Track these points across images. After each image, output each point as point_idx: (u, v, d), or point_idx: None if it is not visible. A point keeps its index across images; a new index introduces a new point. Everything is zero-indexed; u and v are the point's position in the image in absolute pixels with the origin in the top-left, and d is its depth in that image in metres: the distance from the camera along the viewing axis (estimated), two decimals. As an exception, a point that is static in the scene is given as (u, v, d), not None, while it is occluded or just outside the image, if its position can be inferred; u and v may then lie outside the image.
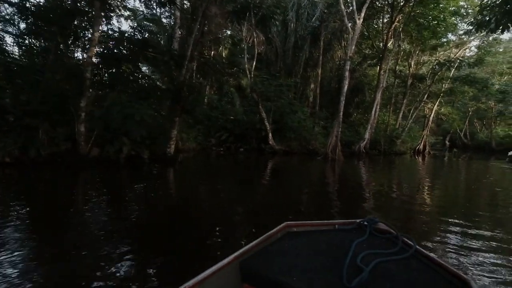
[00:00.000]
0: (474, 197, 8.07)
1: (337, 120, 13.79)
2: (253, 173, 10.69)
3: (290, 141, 16.09)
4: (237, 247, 1.64)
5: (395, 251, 1.61)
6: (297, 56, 19.19)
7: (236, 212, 5.29)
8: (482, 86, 19.78)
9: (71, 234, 3.78)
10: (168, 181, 8.04)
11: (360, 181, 10.16)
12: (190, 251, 3.40)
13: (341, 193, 7.97)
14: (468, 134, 37.46)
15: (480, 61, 19.47)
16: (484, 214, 5.72)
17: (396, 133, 22.00)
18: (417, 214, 5.53)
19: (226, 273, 1.45)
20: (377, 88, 17.70)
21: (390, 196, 7.55)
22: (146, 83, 9.58)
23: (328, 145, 13.83)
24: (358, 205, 6.19)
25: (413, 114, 23.10)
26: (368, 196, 7.39)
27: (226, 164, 12.76)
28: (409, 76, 21.91)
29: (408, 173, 13.48)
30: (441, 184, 10.32)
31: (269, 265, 1.46)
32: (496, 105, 30.47)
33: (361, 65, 24.05)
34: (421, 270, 1.47)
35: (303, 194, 7.39)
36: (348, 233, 1.89)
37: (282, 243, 1.75)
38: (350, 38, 13.45)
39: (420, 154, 23.34)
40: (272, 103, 15.77)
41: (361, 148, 17.37)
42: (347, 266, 1.39)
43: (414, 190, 8.83)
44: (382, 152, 20.57)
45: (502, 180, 11.75)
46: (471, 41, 20.89)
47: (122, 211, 4.96)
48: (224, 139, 16.69)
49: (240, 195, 6.99)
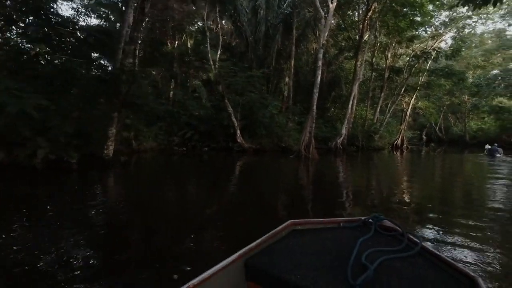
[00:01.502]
0: (455, 192, 7.52)
1: (310, 115, 12.54)
2: (214, 175, 9.18)
3: (261, 139, 14.69)
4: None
5: (401, 249, 1.58)
6: (268, 46, 17.76)
7: (186, 228, 4.06)
8: (459, 78, 19.34)
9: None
10: (97, 191, 6.37)
11: (336, 180, 9.03)
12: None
13: (314, 193, 6.88)
14: (443, 128, 38.16)
15: (457, 51, 18.97)
16: (464, 210, 5.60)
17: (374, 128, 21.23)
18: (396, 212, 5.14)
19: (230, 271, 1.44)
20: (354, 81, 16.66)
21: (368, 195, 6.89)
22: (62, 68, 7.55)
23: (301, 142, 12.56)
24: (332, 206, 5.61)
25: (391, 108, 22.44)
26: (343, 196, 6.76)
27: (185, 165, 11.16)
28: (386, 68, 21.17)
29: (386, 169, 12.51)
30: (422, 181, 9.41)
31: (274, 263, 1.45)
32: (470, 99, 30.87)
33: (337, 58, 23.10)
34: (427, 267, 1.44)
35: (270, 198, 6.19)
36: (353, 230, 1.86)
37: (287, 241, 1.73)
38: (323, 24, 12.19)
39: (398, 149, 22.77)
40: (240, 97, 14.28)
41: (338, 144, 16.31)
42: (352, 264, 1.37)
43: (393, 188, 7.88)
44: (360, 148, 19.73)
45: (485, 173, 10.98)
46: (447, 32, 20.40)
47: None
48: (189, 137, 15.03)
49: (195, 202, 5.71)
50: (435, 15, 18.83)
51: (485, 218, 4.88)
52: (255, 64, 18.53)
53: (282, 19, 17.04)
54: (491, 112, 29.90)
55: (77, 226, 3.90)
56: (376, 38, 20.70)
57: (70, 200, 5.35)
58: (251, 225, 4.30)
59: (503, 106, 28.55)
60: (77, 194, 5.72)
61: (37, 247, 3.17)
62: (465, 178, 10.27)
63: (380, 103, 21.80)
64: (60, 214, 4.44)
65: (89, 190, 6.19)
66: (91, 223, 4.15)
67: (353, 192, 7.33)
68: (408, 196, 6.75)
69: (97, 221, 4.32)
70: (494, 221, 4.79)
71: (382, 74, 21.65)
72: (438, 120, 34.88)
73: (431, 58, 19.12)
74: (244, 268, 1.50)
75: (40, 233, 3.62)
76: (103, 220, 4.37)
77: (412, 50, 20.71)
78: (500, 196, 6.84)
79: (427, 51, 18.89)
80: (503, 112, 28.25)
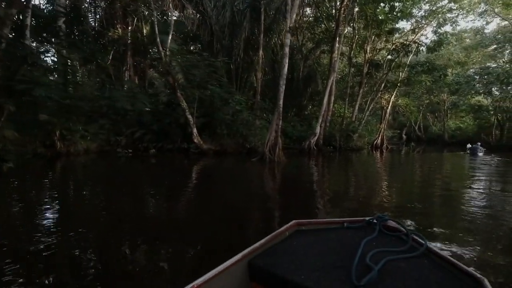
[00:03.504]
0: (437, 199, 6.24)
1: (276, 111, 10.70)
2: (146, 185, 7.10)
3: (222, 139, 12.72)
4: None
5: (405, 249, 1.56)
6: (236, 35, 15.79)
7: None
8: (440, 74, 18.21)
9: None
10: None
11: (300, 188, 7.27)
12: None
13: (262, 210, 4.97)
14: (422, 127, 37.92)
15: (439, 44, 17.78)
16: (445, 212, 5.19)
17: (353, 127, 19.79)
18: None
19: (234, 271, 1.43)
20: (330, 74, 15.00)
21: (336, 207, 5.44)
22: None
23: (266, 142, 10.70)
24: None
25: (370, 106, 21.08)
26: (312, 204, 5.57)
27: (121, 171, 8.97)
28: (365, 63, 19.76)
29: (363, 172, 10.91)
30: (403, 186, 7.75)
31: (278, 264, 1.44)
32: (449, 98, 30.41)
33: (314, 52, 21.51)
34: (433, 268, 1.41)
35: (220, 214, 4.43)
36: (357, 231, 1.84)
37: (291, 241, 1.72)
38: (290, 4, 10.37)
39: (378, 149, 21.50)
40: (198, 90, 12.25)
41: (311, 145, 14.61)
42: (356, 265, 1.36)
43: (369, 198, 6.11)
44: (338, 148, 18.20)
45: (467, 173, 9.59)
46: (428, 24, 19.22)
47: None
48: (139, 137, 12.84)
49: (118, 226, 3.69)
50: (415, 6, 17.54)
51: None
52: (221, 56, 16.56)
53: (250, 3, 15.14)
54: (470, 111, 29.52)
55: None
56: (355, 29, 19.26)
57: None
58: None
59: (481, 104, 28.21)
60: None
61: None
62: (451, 181, 8.81)
63: (358, 99, 20.39)
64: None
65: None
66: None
67: (317, 203, 5.57)
68: (387, 206, 5.07)
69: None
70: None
71: (361, 70, 20.26)
72: (418, 118, 34.51)
73: (412, 51, 17.87)
74: (247, 269, 1.49)
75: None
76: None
77: (392, 43, 19.41)
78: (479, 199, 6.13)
79: (407, 43, 17.59)
80: (481, 111, 27.85)
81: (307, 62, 21.66)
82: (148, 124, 13.05)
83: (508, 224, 4.37)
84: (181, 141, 13.18)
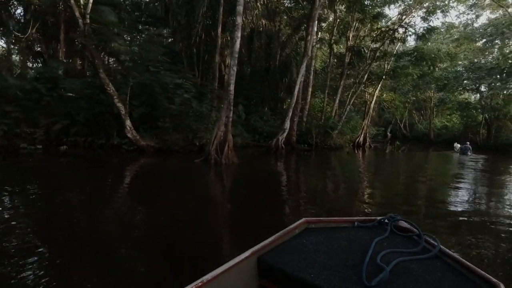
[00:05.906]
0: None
1: (226, 100, 8.33)
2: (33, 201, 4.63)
3: (166, 134, 10.25)
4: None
5: (418, 251, 1.51)
6: (194, 11, 13.25)
7: None
8: (429, 65, 16.29)
9: None
10: None
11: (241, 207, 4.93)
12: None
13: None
14: (408, 125, 36.62)
15: (430, 31, 15.82)
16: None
17: (332, 123, 17.67)
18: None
19: (243, 268, 1.40)
20: (303, 59, 12.71)
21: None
22: None
23: (212, 140, 8.33)
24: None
25: (352, 100, 19.00)
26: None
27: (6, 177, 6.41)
28: (347, 51, 17.63)
29: (339, 176, 8.78)
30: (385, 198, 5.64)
31: (287, 261, 1.40)
32: (436, 95, 28.98)
33: (292, 39, 19.23)
34: (446, 271, 1.36)
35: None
36: (368, 230, 1.78)
37: (301, 239, 1.67)
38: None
39: (360, 147, 19.53)
40: (132, 71, 9.71)
41: (280, 143, 12.36)
42: (367, 265, 1.31)
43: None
44: (314, 146, 16.07)
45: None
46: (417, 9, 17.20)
47: None
48: (59, 129, 10.25)
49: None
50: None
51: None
52: (179, 36, 14.02)
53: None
54: (457, 108, 28.15)
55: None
56: (336, 13, 17.07)
57: None
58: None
59: (469, 101, 26.87)
60: None
61: None
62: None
63: (339, 92, 18.24)
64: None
65: None
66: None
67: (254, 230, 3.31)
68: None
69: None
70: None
71: (343, 60, 18.13)
72: (404, 115, 33.09)
73: (399, 38, 15.86)
74: (256, 265, 1.46)
75: None
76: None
77: (378, 29, 17.33)
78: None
79: (394, 28, 15.54)
80: (469, 109, 26.48)
81: (285, 51, 19.38)
82: (74, 114, 10.45)
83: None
84: (117, 135, 10.69)
